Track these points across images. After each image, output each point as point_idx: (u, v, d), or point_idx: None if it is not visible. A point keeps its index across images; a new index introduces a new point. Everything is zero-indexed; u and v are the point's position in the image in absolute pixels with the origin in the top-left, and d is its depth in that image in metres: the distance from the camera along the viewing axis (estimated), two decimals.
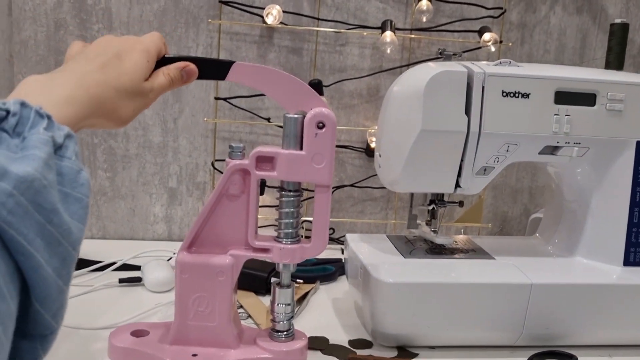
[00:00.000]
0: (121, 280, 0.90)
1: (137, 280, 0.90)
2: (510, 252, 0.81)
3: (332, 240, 1.09)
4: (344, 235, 1.15)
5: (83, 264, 0.95)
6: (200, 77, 0.62)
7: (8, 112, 0.38)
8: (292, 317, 0.69)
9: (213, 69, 0.63)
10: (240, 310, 0.84)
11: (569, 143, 0.76)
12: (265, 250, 0.66)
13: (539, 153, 0.77)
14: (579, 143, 0.76)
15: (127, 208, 1.12)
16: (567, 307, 0.74)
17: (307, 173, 0.63)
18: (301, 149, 0.63)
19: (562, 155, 0.77)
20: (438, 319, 0.72)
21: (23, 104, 0.39)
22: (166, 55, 0.60)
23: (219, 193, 0.65)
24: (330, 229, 1.14)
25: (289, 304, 0.68)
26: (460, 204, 0.83)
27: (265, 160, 0.64)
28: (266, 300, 0.87)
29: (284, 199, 0.65)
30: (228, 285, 0.65)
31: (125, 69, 0.54)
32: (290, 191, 0.65)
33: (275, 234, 0.67)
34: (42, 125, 0.39)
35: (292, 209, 0.66)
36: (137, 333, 0.68)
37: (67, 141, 0.40)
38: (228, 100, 1.07)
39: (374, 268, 0.73)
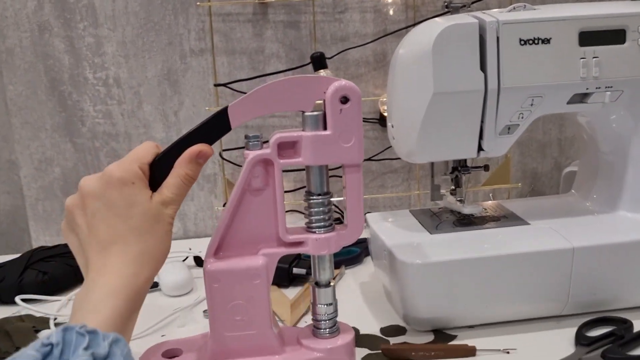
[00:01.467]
0: None
1: (154, 286, 0.86)
2: (546, 215, 0.74)
3: None
4: (366, 213, 1.10)
5: None
6: (211, 143, 0.57)
7: (52, 345, 0.41)
8: (335, 316, 0.63)
9: (213, 129, 0.57)
10: None
11: (599, 88, 0.69)
12: (299, 243, 0.60)
13: (568, 103, 0.70)
14: (611, 87, 0.69)
15: None
16: (615, 268, 0.67)
17: (336, 154, 0.57)
18: (325, 128, 0.57)
19: (593, 103, 0.69)
20: (474, 296, 0.66)
21: (65, 329, 0.42)
22: (157, 156, 0.55)
23: (242, 189, 0.59)
24: None
25: (330, 304, 0.62)
26: (486, 168, 0.76)
27: (287, 147, 0.58)
28: (289, 292, 0.82)
29: (312, 202, 0.60)
30: (264, 288, 0.59)
31: (121, 215, 0.52)
32: (319, 195, 0.60)
33: (305, 221, 0.61)
34: (83, 345, 0.41)
35: (322, 208, 0.60)
36: (169, 353, 0.62)
37: (113, 348, 0.42)
38: (228, 85, 1.02)
39: (399, 249, 0.67)
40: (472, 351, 0.63)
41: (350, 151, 0.58)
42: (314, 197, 0.60)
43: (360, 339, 0.68)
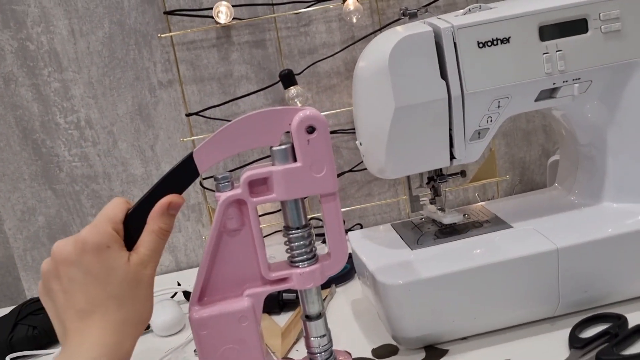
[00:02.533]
0: None
1: (146, 328, 0.85)
2: (529, 214, 0.73)
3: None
4: (355, 225, 1.09)
5: None
6: (181, 191, 0.55)
7: None
8: (330, 347, 0.62)
9: (181, 177, 0.55)
10: None
11: (567, 81, 0.67)
12: (283, 280, 0.59)
13: (536, 100, 0.68)
14: (579, 78, 0.67)
15: None
16: (603, 263, 0.65)
17: (309, 185, 0.56)
18: (295, 160, 0.56)
19: (562, 97, 0.68)
20: (462, 309, 0.65)
21: None
22: (128, 212, 0.54)
23: (218, 232, 0.57)
24: None
25: (324, 335, 0.61)
26: (462, 174, 0.74)
27: (258, 184, 0.57)
28: (280, 320, 0.81)
29: (292, 236, 0.58)
30: (254, 329, 0.58)
31: (100, 281, 0.50)
32: (298, 228, 0.58)
33: (288, 259, 0.60)
34: None
35: (303, 242, 0.59)
36: None
37: None
38: (200, 114, 1.00)
39: (379, 270, 0.66)
40: None
41: (324, 181, 0.56)
42: (293, 231, 0.58)
43: None
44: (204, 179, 1.03)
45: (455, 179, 0.75)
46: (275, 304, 0.83)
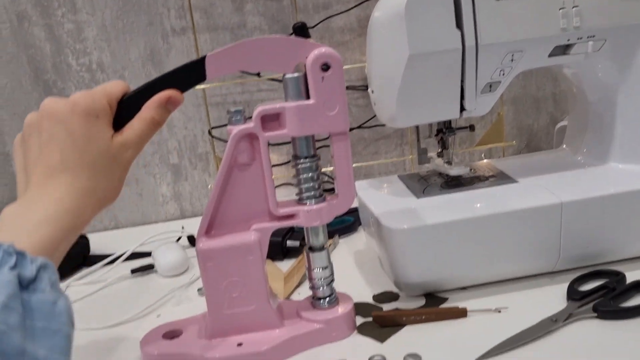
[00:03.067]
0: (133, 271, 0.86)
1: (150, 268, 0.86)
2: (535, 171, 0.73)
3: None
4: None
5: (94, 259, 0.92)
6: (183, 90, 0.55)
7: None
8: (332, 280, 0.63)
9: (188, 76, 0.55)
10: None
11: (581, 38, 0.67)
12: (290, 216, 0.60)
13: (549, 56, 0.68)
14: (593, 36, 0.67)
15: (133, 193, 1.08)
16: (606, 221, 0.66)
17: (321, 123, 0.57)
18: (308, 98, 0.56)
19: (576, 54, 0.68)
20: (463, 258, 0.66)
21: None
22: (125, 95, 0.53)
23: (228, 165, 0.58)
24: None
25: (326, 267, 0.63)
26: (471, 127, 0.75)
27: (271, 119, 0.58)
28: (284, 265, 0.83)
29: (300, 166, 0.59)
30: (259, 263, 0.59)
31: (78, 146, 0.49)
32: (306, 157, 0.59)
33: (296, 195, 0.61)
34: (10, 264, 0.38)
35: (311, 174, 0.59)
36: (170, 334, 0.63)
37: (41, 273, 0.40)
38: None
39: (385, 216, 0.66)
40: (463, 313, 0.63)
41: (335, 119, 0.57)
42: (301, 160, 0.59)
43: (354, 307, 0.68)
44: (212, 128, 1.03)
45: (470, 134, 0.75)
46: (279, 250, 0.84)
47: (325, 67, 0.55)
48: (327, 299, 0.63)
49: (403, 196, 0.72)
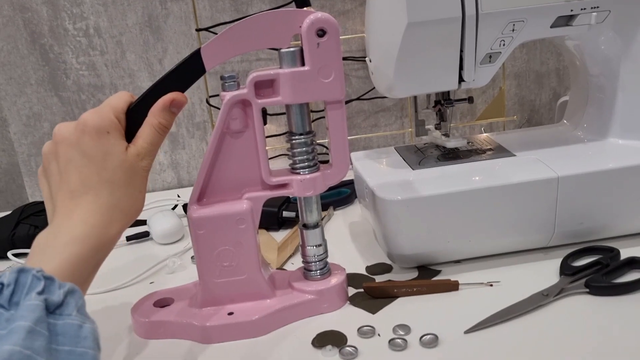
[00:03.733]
0: (128, 238, 0.86)
1: (145, 235, 0.86)
2: (533, 145, 0.72)
3: None
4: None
5: None
6: (184, 89, 0.55)
7: (2, 285, 0.39)
8: (325, 257, 0.63)
9: (187, 73, 0.55)
10: None
11: (585, 9, 0.65)
12: (283, 185, 0.60)
13: (552, 27, 0.66)
14: (597, 7, 0.65)
15: None
16: (602, 196, 0.65)
17: (316, 90, 0.56)
18: (303, 64, 0.55)
19: (579, 25, 0.66)
20: (457, 231, 0.65)
21: (21, 271, 0.40)
22: (131, 105, 0.54)
23: (220, 132, 0.57)
24: None
25: (320, 245, 0.62)
26: (470, 100, 0.74)
27: (265, 85, 0.57)
28: (279, 236, 0.82)
29: (295, 142, 0.58)
30: (251, 232, 0.59)
31: (95, 164, 0.50)
32: (301, 134, 0.58)
33: (289, 165, 0.61)
34: (38, 289, 0.39)
35: (305, 148, 0.59)
36: (161, 303, 0.63)
37: (68, 298, 0.41)
38: (210, 30, 0.99)
39: (379, 187, 0.66)
40: (455, 286, 0.63)
41: (331, 87, 0.56)
42: (296, 137, 0.59)
43: (347, 278, 0.68)
44: (210, 96, 1.02)
45: (461, 111, 0.74)
46: (275, 220, 0.84)
47: (321, 33, 0.54)
48: (320, 270, 0.63)
49: (399, 167, 0.71)
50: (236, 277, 0.60)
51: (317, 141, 0.95)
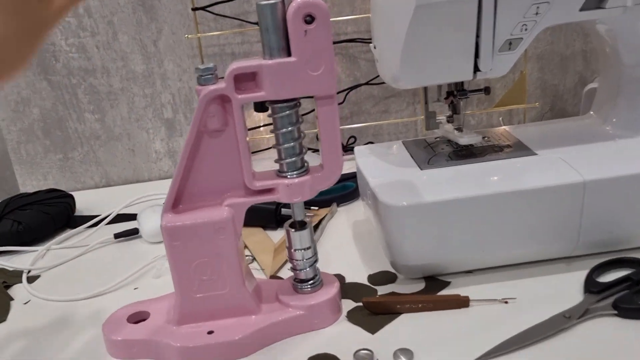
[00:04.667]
0: (116, 236, 0.80)
1: (135, 233, 0.81)
2: (557, 142, 0.65)
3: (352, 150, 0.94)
4: (367, 143, 1.01)
5: (78, 220, 0.86)
6: None
7: None
8: (315, 261, 0.57)
9: None
10: (247, 254, 0.73)
11: None
12: (268, 191, 0.53)
13: (581, 9, 0.58)
14: None
15: (125, 149, 1.01)
16: (634, 203, 0.58)
17: (303, 84, 0.49)
18: (289, 54, 0.48)
19: (612, 7, 0.58)
20: (470, 240, 0.58)
21: None
22: None
23: (197, 131, 0.51)
24: (351, 137, 1.01)
25: (308, 248, 0.56)
26: (486, 90, 0.66)
27: (246, 79, 0.50)
28: (275, 235, 0.76)
29: (278, 115, 0.51)
30: (232, 243, 0.53)
31: None
32: (284, 102, 0.51)
33: (276, 166, 0.54)
34: None
35: (290, 127, 0.52)
36: (135, 317, 0.57)
37: None
38: (207, 9, 0.92)
39: (383, 189, 0.59)
40: (465, 302, 0.56)
41: (320, 80, 0.49)
42: (282, 130, 0.52)
43: (345, 289, 0.62)
44: None
45: (478, 97, 0.67)
46: (272, 218, 0.78)
47: (309, 20, 0.47)
48: (310, 282, 0.57)
49: (405, 166, 0.64)
50: (216, 291, 0.54)
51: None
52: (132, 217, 0.84)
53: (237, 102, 0.49)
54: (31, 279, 0.73)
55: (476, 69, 0.60)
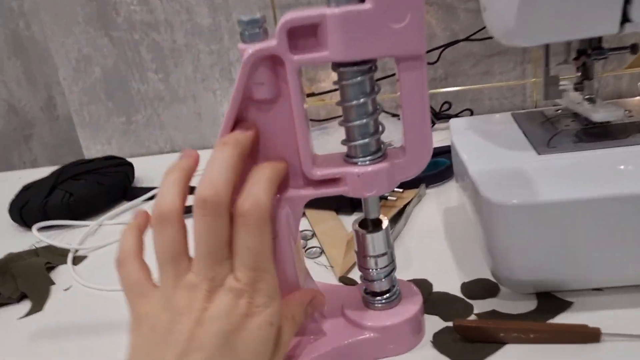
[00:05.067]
0: None
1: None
2: None
3: (448, 118, 0.80)
4: (464, 111, 0.87)
5: (135, 192, 0.78)
6: None
7: None
8: (392, 270, 0.45)
9: None
10: (314, 245, 0.61)
11: None
12: (332, 181, 0.41)
13: None
14: None
15: (190, 112, 0.92)
16: None
17: (382, 41, 0.36)
18: (363, 0, 0.36)
19: None
20: (600, 250, 0.44)
21: None
22: None
23: (240, 102, 0.39)
24: (445, 102, 0.86)
25: (384, 254, 0.44)
26: (633, 48, 0.50)
27: (304, 34, 0.37)
28: (350, 222, 0.64)
29: (346, 82, 0.39)
30: (287, 247, 0.41)
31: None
32: (355, 64, 0.38)
33: (342, 143, 0.42)
34: None
35: (362, 99, 0.39)
36: None
37: None
38: None
39: (485, 180, 0.45)
40: (594, 335, 0.42)
41: (405, 35, 0.36)
42: (346, 68, 0.38)
43: (431, 302, 0.49)
44: None
45: (620, 56, 0.51)
46: (347, 202, 0.66)
47: None
48: (385, 296, 0.45)
49: (517, 149, 0.50)
50: None
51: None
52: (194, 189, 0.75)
53: (292, 65, 0.37)
54: (77, 260, 0.66)
55: (625, 18, 0.43)
